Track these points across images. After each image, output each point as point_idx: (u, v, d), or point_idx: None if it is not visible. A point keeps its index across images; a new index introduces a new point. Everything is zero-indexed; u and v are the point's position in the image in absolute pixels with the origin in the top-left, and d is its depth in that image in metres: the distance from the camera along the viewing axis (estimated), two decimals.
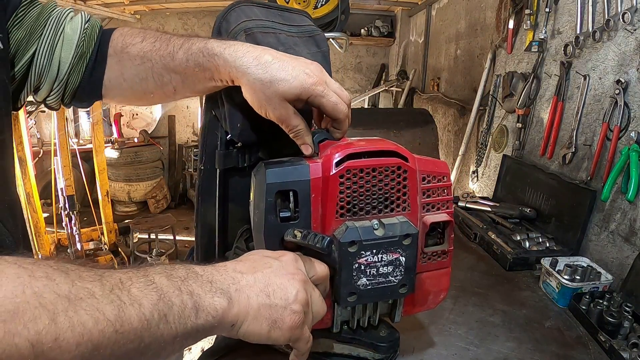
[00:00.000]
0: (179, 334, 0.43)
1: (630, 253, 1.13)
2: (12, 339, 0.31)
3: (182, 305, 0.43)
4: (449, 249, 0.70)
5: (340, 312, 0.67)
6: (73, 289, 0.35)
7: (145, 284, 0.42)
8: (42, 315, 0.32)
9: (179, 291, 0.44)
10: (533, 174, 1.56)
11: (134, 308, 0.39)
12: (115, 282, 0.39)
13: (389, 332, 0.74)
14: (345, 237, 0.58)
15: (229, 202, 0.79)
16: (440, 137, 2.84)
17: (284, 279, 0.53)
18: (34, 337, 0.32)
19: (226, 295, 0.48)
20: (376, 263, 0.60)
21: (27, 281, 0.33)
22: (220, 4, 4.64)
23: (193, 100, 5.45)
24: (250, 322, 0.49)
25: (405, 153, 0.63)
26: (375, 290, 0.62)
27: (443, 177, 0.67)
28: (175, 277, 0.45)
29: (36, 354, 0.32)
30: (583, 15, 1.38)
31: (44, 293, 0.33)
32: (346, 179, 0.59)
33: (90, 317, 0.35)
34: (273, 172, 0.59)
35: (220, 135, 0.74)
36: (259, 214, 0.60)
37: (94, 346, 0.35)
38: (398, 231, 0.60)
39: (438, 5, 3.42)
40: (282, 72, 0.59)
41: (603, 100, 1.29)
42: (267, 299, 0.50)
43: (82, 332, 0.34)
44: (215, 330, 0.48)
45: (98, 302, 0.36)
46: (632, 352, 0.84)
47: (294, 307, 0.51)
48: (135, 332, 0.39)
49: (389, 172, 0.61)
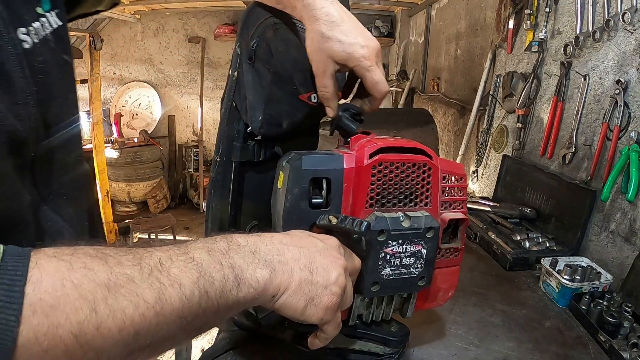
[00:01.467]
0: (220, 308, 0.43)
1: (630, 253, 1.13)
2: (55, 332, 0.32)
3: (224, 280, 0.43)
4: (461, 247, 0.73)
5: (359, 304, 0.68)
6: (112, 276, 0.36)
7: (185, 262, 0.42)
8: (83, 306, 0.33)
9: (220, 265, 0.44)
10: (533, 174, 1.56)
11: (174, 289, 0.39)
12: (154, 264, 0.40)
13: (399, 327, 0.76)
14: (376, 225, 0.60)
15: (242, 197, 0.80)
16: (440, 137, 2.84)
17: (328, 260, 0.53)
18: (77, 328, 0.33)
19: (269, 267, 0.48)
20: (400, 254, 0.63)
21: (66, 274, 0.34)
22: (220, 4, 4.64)
23: (193, 100, 5.45)
24: (290, 294, 0.49)
25: (430, 152, 0.67)
26: (397, 281, 0.64)
27: (461, 178, 0.72)
28: (216, 251, 0.45)
29: (80, 344, 0.33)
30: (583, 15, 1.38)
31: (83, 284, 0.34)
32: (377, 170, 0.62)
33: (130, 303, 0.36)
34: (309, 159, 0.62)
35: (238, 127, 0.75)
36: (292, 199, 0.62)
37: (136, 331, 0.36)
38: (422, 224, 0.63)
39: (438, 5, 3.42)
40: (342, 36, 0.62)
41: (603, 100, 1.29)
42: (309, 275, 0.50)
43: (123, 318, 0.35)
44: (257, 301, 0.47)
45: (137, 287, 0.37)
46: (632, 352, 0.84)
47: (333, 289, 0.51)
48: (177, 312, 0.39)
49: (416, 168, 0.65)
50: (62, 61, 0.55)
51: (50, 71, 0.51)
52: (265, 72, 0.70)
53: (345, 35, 0.63)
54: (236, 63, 0.72)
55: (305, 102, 0.71)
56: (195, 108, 5.47)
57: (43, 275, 0.33)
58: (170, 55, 5.34)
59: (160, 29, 5.21)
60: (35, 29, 0.48)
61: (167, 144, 5.59)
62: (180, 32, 5.27)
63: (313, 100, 0.71)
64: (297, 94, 0.70)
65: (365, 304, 0.69)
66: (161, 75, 5.39)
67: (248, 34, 0.70)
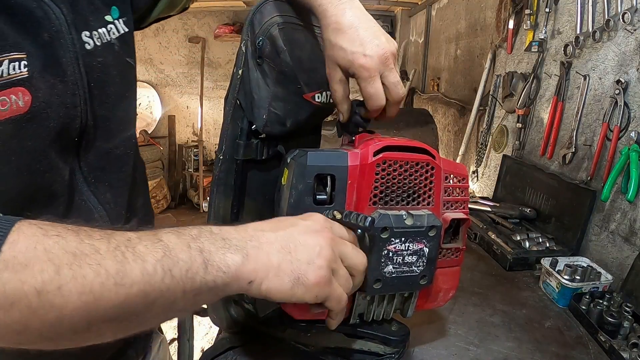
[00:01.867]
0: (187, 289, 0.43)
1: (630, 253, 1.13)
2: (21, 287, 0.36)
3: (190, 261, 0.44)
4: (462, 247, 0.73)
5: (360, 303, 0.68)
6: (80, 246, 0.39)
7: (152, 242, 0.43)
8: (49, 268, 0.37)
9: (188, 248, 0.44)
10: (533, 174, 1.56)
11: (137, 264, 0.41)
12: (122, 241, 0.42)
13: (399, 327, 0.76)
14: (379, 222, 0.60)
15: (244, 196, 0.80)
16: (440, 137, 2.84)
17: (308, 236, 0.52)
18: (40, 285, 0.36)
19: (241, 252, 0.48)
20: (403, 252, 0.63)
21: (40, 239, 0.38)
22: (220, 4, 4.65)
23: (193, 100, 5.45)
24: (271, 279, 0.48)
25: (433, 152, 0.67)
26: (399, 279, 0.64)
27: (463, 178, 0.72)
28: (185, 236, 0.46)
29: (42, 302, 0.36)
30: (583, 15, 1.38)
31: (52, 249, 0.38)
32: (382, 168, 0.63)
33: (91, 271, 0.38)
34: (314, 155, 0.63)
35: (241, 125, 0.75)
36: (296, 195, 0.63)
37: (95, 297, 0.38)
38: (425, 222, 0.63)
39: (438, 5, 3.42)
40: (346, 43, 0.63)
41: (603, 100, 1.29)
42: (288, 255, 0.50)
43: (83, 283, 0.38)
44: (231, 287, 0.47)
45: (102, 258, 0.39)
46: (632, 352, 0.84)
47: (318, 262, 0.50)
48: (138, 285, 0.40)
49: (419, 167, 0.65)
50: (125, 63, 0.65)
51: (109, 71, 0.60)
52: (270, 71, 0.70)
53: (350, 43, 0.63)
54: (241, 61, 0.72)
55: (309, 102, 0.71)
56: (195, 108, 5.47)
57: (20, 238, 0.37)
58: (170, 55, 5.33)
59: (160, 29, 5.21)
60: (100, 33, 0.58)
61: (167, 144, 5.59)
62: (180, 32, 5.27)
63: (317, 100, 0.71)
64: (302, 93, 0.70)
65: (367, 302, 0.69)
66: (161, 75, 5.39)
67: (254, 32, 0.70)
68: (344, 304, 0.54)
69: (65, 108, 0.53)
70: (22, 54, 0.46)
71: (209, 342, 0.78)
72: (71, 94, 0.53)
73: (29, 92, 0.47)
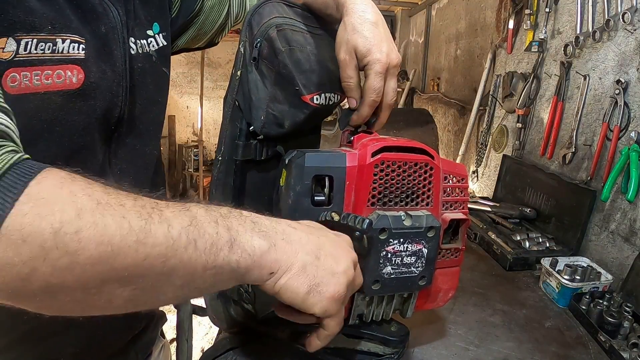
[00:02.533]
0: (209, 265, 0.41)
1: (630, 253, 1.13)
2: (39, 222, 0.34)
3: (216, 236, 0.42)
4: (462, 247, 0.73)
5: (359, 303, 0.68)
6: (105, 197, 0.38)
7: (180, 210, 0.42)
8: (70, 209, 0.35)
9: (215, 223, 0.43)
10: (533, 174, 1.56)
11: (162, 225, 0.39)
12: (149, 203, 0.40)
13: (399, 327, 0.76)
14: (377, 223, 0.60)
15: (244, 196, 0.80)
16: (440, 137, 2.84)
17: (338, 250, 0.51)
18: (58, 224, 0.34)
19: (270, 240, 0.46)
20: (401, 252, 0.63)
21: (68, 182, 0.37)
22: None
23: (193, 100, 5.45)
24: (292, 276, 0.47)
25: (432, 152, 0.67)
26: (398, 280, 0.64)
27: (462, 178, 0.72)
28: (214, 211, 0.44)
29: (57, 243, 0.34)
30: (583, 15, 1.38)
31: (77, 193, 0.36)
32: (380, 169, 0.63)
33: (114, 222, 0.36)
34: (312, 156, 0.63)
35: (240, 126, 0.75)
36: (294, 196, 0.62)
37: (113, 250, 0.36)
38: (424, 223, 0.63)
39: (438, 5, 3.42)
40: (370, 33, 0.65)
41: (603, 100, 1.29)
42: (316, 260, 0.48)
43: (103, 232, 0.36)
44: (251, 275, 0.45)
45: (126, 212, 0.38)
46: (632, 352, 0.84)
47: (341, 279, 0.49)
48: (160, 248, 0.38)
49: (418, 168, 0.65)
50: (161, 72, 0.70)
51: (145, 77, 0.65)
52: (268, 72, 0.70)
53: (373, 35, 0.65)
54: (240, 62, 0.72)
55: (307, 103, 0.71)
56: (195, 108, 5.47)
57: (49, 176, 0.37)
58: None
59: None
60: (142, 44, 0.64)
61: (167, 144, 5.59)
62: None
63: (316, 101, 0.71)
64: (300, 95, 0.70)
65: (366, 302, 0.69)
66: None
67: (252, 33, 0.70)
68: (340, 328, 0.54)
69: (111, 94, 0.57)
70: (82, 38, 0.52)
71: (209, 342, 0.78)
72: (117, 84, 0.58)
73: (83, 71, 0.52)
